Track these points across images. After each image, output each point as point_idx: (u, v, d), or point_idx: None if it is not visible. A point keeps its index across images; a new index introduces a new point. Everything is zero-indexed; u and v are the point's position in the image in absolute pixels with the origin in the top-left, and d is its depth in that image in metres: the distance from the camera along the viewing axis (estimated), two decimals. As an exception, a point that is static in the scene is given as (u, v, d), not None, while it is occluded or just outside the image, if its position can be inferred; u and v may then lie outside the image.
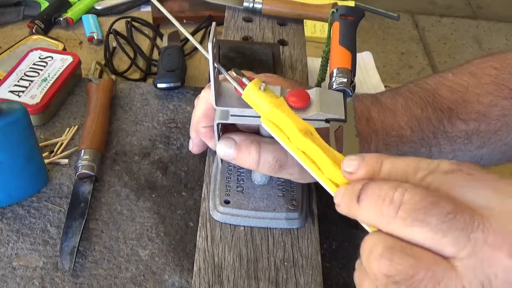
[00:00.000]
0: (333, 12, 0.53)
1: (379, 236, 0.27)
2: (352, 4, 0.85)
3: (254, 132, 0.44)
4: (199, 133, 0.46)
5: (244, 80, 0.37)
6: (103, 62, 0.74)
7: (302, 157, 0.34)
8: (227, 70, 0.38)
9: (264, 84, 0.37)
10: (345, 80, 0.46)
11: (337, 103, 0.42)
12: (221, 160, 0.48)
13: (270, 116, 0.36)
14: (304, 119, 0.37)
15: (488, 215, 0.25)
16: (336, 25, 0.51)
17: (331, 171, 0.32)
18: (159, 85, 0.65)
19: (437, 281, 0.25)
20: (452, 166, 0.28)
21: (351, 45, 0.49)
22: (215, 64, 0.37)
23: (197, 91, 0.66)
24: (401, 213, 0.26)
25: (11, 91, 0.61)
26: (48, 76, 0.63)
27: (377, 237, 0.27)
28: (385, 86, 0.82)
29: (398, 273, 0.25)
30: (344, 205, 0.30)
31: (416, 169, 0.28)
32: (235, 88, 0.39)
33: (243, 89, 0.37)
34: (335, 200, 0.31)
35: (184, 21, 0.86)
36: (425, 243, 0.26)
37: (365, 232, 0.50)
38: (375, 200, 0.27)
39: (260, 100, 0.36)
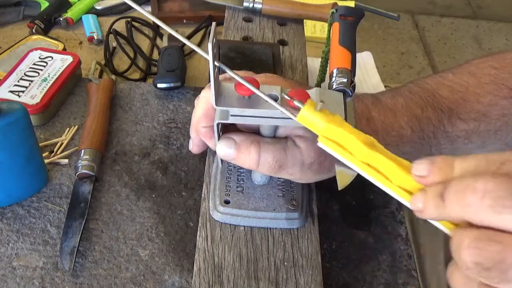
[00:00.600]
0: (332, 13, 0.53)
1: (466, 229, 0.28)
2: (352, 4, 0.85)
3: (254, 132, 0.44)
4: (199, 133, 0.46)
5: (296, 103, 0.36)
6: (103, 62, 0.74)
7: (368, 170, 0.33)
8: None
9: (321, 104, 0.36)
10: (345, 80, 0.46)
11: (337, 103, 0.42)
12: (221, 160, 0.48)
13: (328, 133, 0.35)
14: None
15: None
16: (336, 25, 0.51)
17: (401, 178, 0.32)
18: (159, 85, 0.65)
19: None
20: None
21: (351, 45, 0.49)
22: (217, 63, 0.37)
23: (197, 91, 0.66)
24: (487, 201, 0.26)
25: (11, 91, 0.61)
26: (48, 76, 0.63)
27: (463, 231, 0.28)
28: (385, 86, 0.82)
29: (488, 260, 0.26)
30: (429, 207, 0.30)
31: (488, 163, 0.29)
32: (235, 87, 0.39)
33: (296, 111, 0.36)
34: (416, 206, 0.31)
35: (184, 21, 0.85)
36: None
37: (365, 232, 0.50)
38: (459, 194, 0.28)
39: (317, 118, 0.35)
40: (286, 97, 0.37)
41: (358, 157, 0.34)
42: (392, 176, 0.32)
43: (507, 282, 0.26)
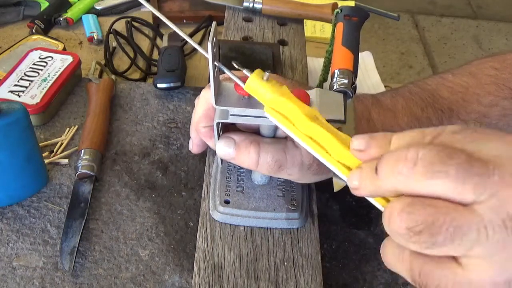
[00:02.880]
0: (337, 12, 0.53)
1: (397, 198, 0.28)
2: (352, 4, 0.85)
3: (254, 132, 0.44)
4: (199, 133, 0.46)
5: (245, 71, 0.37)
6: (103, 62, 0.74)
7: (310, 143, 0.34)
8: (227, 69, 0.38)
9: (267, 73, 0.36)
10: (346, 81, 0.46)
11: (337, 104, 0.42)
12: (221, 160, 0.48)
13: (274, 104, 0.36)
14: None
15: (500, 162, 0.26)
16: (340, 25, 0.51)
17: (341, 152, 0.32)
18: (159, 85, 0.65)
19: (458, 224, 0.25)
20: (458, 126, 0.29)
21: (354, 46, 0.49)
22: (216, 63, 0.37)
23: (197, 91, 0.66)
24: (419, 168, 0.26)
25: (11, 91, 0.61)
26: (48, 76, 0.63)
27: (395, 200, 0.28)
28: (385, 86, 0.82)
29: (419, 223, 0.26)
30: (365, 184, 0.30)
31: (424, 135, 0.29)
32: (235, 87, 0.39)
33: (245, 81, 0.37)
34: (352, 183, 0.31)
35: (184, 21, 0.86)
36: (445, 193, 0.26)
37: (365, 232, 0.50)
38: (392, 164, 0.28)
39: (263, 88, 0.36)
40: (236, 67, 0.38)
41: (301, 129, 0.34)
42: (332, 150, 0.33)
43: (437, 246, 0.26)
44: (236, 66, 0.38)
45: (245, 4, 0.73)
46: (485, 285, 0.26)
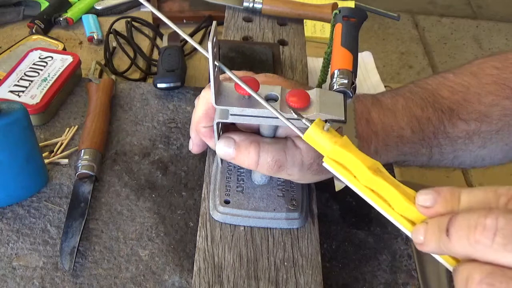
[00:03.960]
0: (335, 14, 0.53)
1: (475, 265, 0.27)
2: (352, 4, 0.85)
3: (254, 132, 0.44)
4: (199, 133, 0.46)
5: (304, 121, 0.36)
6: (103, 62, 0.74)
7: (371, 196, 0.33)
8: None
9: (328, 124, 0.35)
10: (345, 81, 0.46)
11: (337, 104, 0.42)
12: (221, 160, 0.48)
13: (334, 155, 0.35)
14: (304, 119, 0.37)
15: None
16: (339, 26, 0.51)
17: (404, 207, 0.31)
18: (159, 85, 0.65)
19: None
20: None
21: (353, 47, 0.49)
22: (216, 63, 0.37)
23: (197, 91, 0.66)
24: (499, 239, 0.26)
25: (11, 91, 0.61)
26: (48, 76, 0.63)
27: (472, 266, 0.27)
28: (385, 86, 0.82)
29: None
30: (431, 241, 0.29)
31: (497, 196, 0.28)
32: (235, 86, 0.39)
33: (303, 131, 0.36)
34: (417, 238, 0.30)
35: (184, 21, 0.85)
36: None
37: (365, 232, 0.50)
38: (467, 230, 0.27)
39: (324, 139, 0.35)
40: (293, 113, 0.37)
41: (362, 181, 0.33)
42: (395, 204, 0.32)
43: None
44: (295, 116, 0.37)
45: (245, 4, 0.73)
46: None
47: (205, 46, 0.36)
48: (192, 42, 0.37)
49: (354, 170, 0.34)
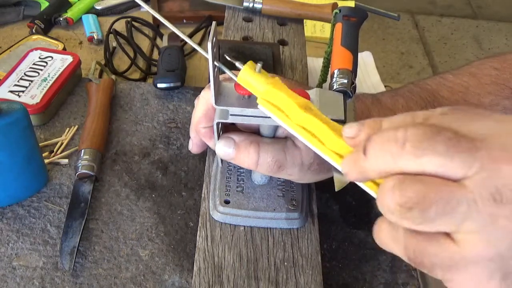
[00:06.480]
0: (336, 13, 0.53)
1: (389, 178, 0.28)
2: (352, 4, 0.85)
3: (254, 132, 0.44)
4: (199, 133, 0.46)
5: (237, 64, 0.37)
6: (103, 62, 0.74)
7: (303, 133, 0.34)
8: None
9: (259, 65, 0.36)
10: (345, 81, 0.46)
11: (337, 104, 0.42)
12: (221, 160, 0.48)
13: (267, 95, 0.36)
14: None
15: (488, 138, 0.26)
16: (339, 26, 0.51)
17: (334, 141, 0.32)
18: (159, 85, 0.65)
19: (448, 200, 0.26)
20: (447, 108, 0.29)
21: (353, 46, 0.49)
22: (216, 63, 0.37)
23: (197, 91, 0.66)
24: (408, 147, 0.27)
25: (11, 91, 0.61)
26: (48, 76, 0.63)
27: (386, 180, 0.28)
28: (385, 86, 0.82)
29: (410, 199, 0.26)
30: (351, 165, 0.30)
31: (414, 118, 0.29)
32: (235, 86, 0.39)
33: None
34: (343, 169, 0.31)
35: (184, 21, 0.85)
36: (435, 170, 0.26)
37: (365, 232, 0.50)
38: (380, 144, 0.28)
39: (256, 80, 0.36)
40: (228, 59, 0.38)
41: (295, 120, 0.34)
42: (325, 140, 0.33)
43: (428, 222, 0.26)
44: (228, 59, 0.37)
45: (245, 4, 0.73)
46: (478, 260, 0.26)
47: (205, 46, 0.36)
48: (191, 43, 0.37)
49: (286, 110, 0.35)
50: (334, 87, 0.47)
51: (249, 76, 0.36)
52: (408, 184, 0.27)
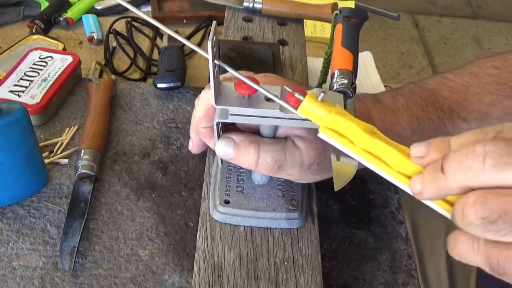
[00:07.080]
0: (336, 14, 0.53)
1: (468, 194, 0.28)
2: (352, 4, 0.85)
3: (254, 132, 0.44)
4: (199, 133, 0.46)
5: (297, 95, 0.36)
6: (103, 62, 0.74)
7: (369, 158, 0.34)
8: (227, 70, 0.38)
9: (323, 94, 0.36)
10: (346, 81, 0.46)
11: (337, 104, 0.42)
12: (221, 160, 0.48)
13: (330, 123, 0.35)
14: (303, 119, 0.37)
15: None
16: (339, 26, 0.51)
17: (401, 163, 0.32)
18: (159, 85, 0.65)
19: None
20: None
21: (353, 47, 0.49)
22: (216, 62, 0.37)
23: (197, 91, 0.66)
24: (489, 161, 0.27)
25: (11, 91, 0.61)
26: (48, 76, 0.63)
27: (465, 195, 0.28)
28: (385, 86, 0.82)
29: (494, 212, 0.27)
30: (428, 185, 0.30)
31: (485, 133, 0.29)
32: (235, 86, 0.39)
33: (295, 106, 0.37)
34: (415, 189, 0.31)
35: (184, 21, 0.85)
36: None
37: (365, 232, 0.50)
38: (459, 161, 0.28)
39: (319, 109, 0.36)
40: (287, 89, 0.37)
41: (359, 145, 0.34)
42: (392, 162, 0.33)
43: None
44: (287, 89, 0.37)
45: (245, 4, 0.73)
46: None
47: (205, 46, 0.36)
48: (189, 44, 0.37)
49: (350, 136, 0.35)
50: (335, 87, 0.47)
51: (312, 105, 0.36)
52: (490, 198, 0.27)
